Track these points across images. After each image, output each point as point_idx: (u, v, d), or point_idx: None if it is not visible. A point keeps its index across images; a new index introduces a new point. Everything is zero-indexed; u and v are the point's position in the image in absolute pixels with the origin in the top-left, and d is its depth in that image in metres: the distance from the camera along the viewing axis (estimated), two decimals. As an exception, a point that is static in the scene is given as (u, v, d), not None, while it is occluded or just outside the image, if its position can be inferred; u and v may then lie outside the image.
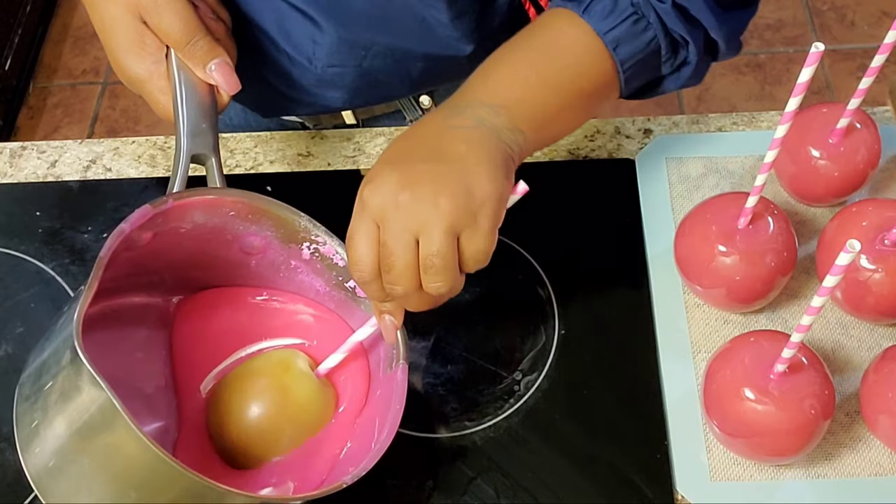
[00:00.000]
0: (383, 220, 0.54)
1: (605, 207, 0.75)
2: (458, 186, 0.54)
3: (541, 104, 0.60)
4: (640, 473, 0.64)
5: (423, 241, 0.54)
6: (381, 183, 0.55)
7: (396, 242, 0.54)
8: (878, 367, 0.63)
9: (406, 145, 0.58)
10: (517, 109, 0.59)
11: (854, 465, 0.64)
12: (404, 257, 0.54)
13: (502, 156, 0.56)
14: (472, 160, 0.55)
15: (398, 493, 0.64)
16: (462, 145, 0.56)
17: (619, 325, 0.70)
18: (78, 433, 0.51)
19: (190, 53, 0.64)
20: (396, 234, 0.54)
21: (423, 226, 0.53)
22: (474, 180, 0.54)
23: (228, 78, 0.65)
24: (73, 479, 0.52)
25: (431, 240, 0.53)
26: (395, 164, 0.56)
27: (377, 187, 0.55)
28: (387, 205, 0.54)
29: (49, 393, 0.52)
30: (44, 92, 2.02)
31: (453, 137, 0.56)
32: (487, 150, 0.56)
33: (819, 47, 0.53)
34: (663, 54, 0.64)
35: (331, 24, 0.71)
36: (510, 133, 0.58)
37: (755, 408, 0.59)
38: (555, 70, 0.62)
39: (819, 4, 2.03)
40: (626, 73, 0.63)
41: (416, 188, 0.54)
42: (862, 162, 0.70)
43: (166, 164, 0.81)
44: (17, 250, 0.76)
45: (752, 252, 0.64)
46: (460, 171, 0.54)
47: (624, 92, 0.65)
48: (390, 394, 0.60)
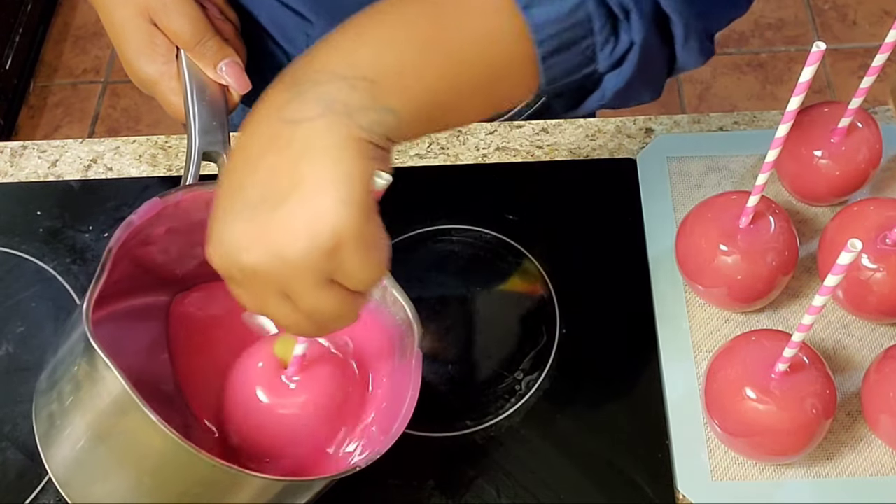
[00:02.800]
0: (243, 289, 0.48)
1: (606, 207, 0.75)
2: (302, 232, 0.44)
3: (423, 76, 0.47)
4: (641, 473, 0.64)
5: (295, 301, 0.47)
6: (219, 245, 0.47)
7: (266, 309, 0.48)
8: (879, 367, 0.62)
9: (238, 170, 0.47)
10: (387, 82, 0.46)
11: (855, 464, 0.63)
12: (285, 317, 0.48)
13: (356, 150, 0.45)
14: (311, 186, 0.44)
15: (399, 493, 0.64)
16: (301, 162, 0.44)
17: (620, 324, 0.70)
18: (92, 422, 0.52)
19: (200, 54, 0.64)
20: (262, 301, 0.48)
21: (283, 287, 0.46)
22: (322, 215, 0.44)
23: (239, 77, 0.65)
24: (89, 467, 0.53)
25: (301, 299, 0.46)
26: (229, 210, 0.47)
27: (217, 251, 0.47)
28: (234, 272, 0.47)
29: (64, 385, 0.53)
30: (44, 91, 2.02)
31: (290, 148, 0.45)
32: (335, 153, 0.44)
33: (820, 46, 0.53)
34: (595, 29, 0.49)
35: (320, 19, 0.71)
36: (373, 113, 0.45)
37: (756, 407, 0.59)
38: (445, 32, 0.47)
39: (820, 3, 2.03)
40: (542, 45, 0.48)
41: (256, 248, 0.45)
42: (863, 161, 0.70)
43: (167, 163, 0.81)
44: (18, 249, 0.76)
45: (754, 251, 0.64)
46: (302, 209, 0.44)
47: (542, 81, 0.50)
48: (406, 381, 0.60)
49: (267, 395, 0.60)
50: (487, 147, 0.79)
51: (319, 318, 0.48)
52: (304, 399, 0.60)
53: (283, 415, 0.61)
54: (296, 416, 0.61)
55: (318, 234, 0.44)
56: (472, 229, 0.74)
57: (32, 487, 0.65)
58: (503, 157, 0.78)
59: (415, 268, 0.73)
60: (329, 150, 0.44)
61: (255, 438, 0.61)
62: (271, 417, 0.61)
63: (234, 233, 0.46)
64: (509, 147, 0.79)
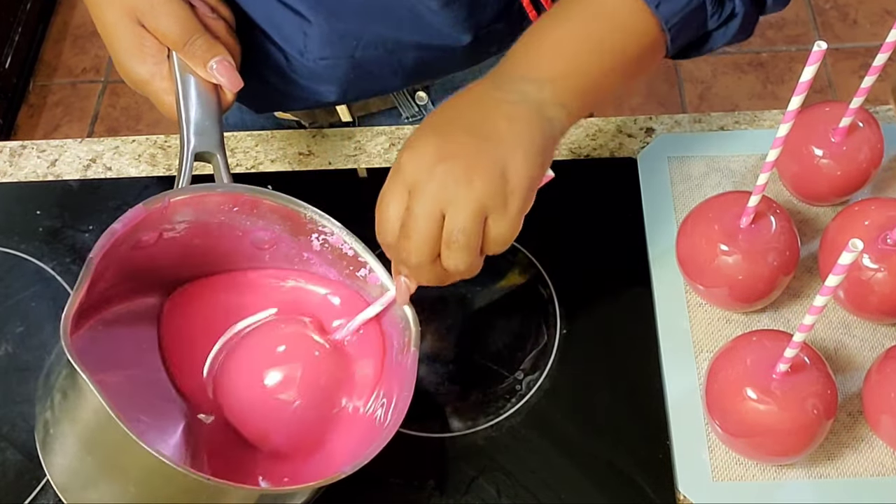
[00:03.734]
0: (415, 187, 0.54)
1: (607, 206, 0.75)
2: (494, 167, 0.53)
3: (586, 75, 0.59)
4: (641, 473, 0.63)
5: (449, 216, 0.53)
6: (419, 150, 0.55)
7: (422, 212, 0.54)
8: (880, 367, 0.62)
9: (450, 112, 0.58)
10: (563, 83, 0.57)
11: (856, 465, 0.63)
12: (426, 228, 0.54)
13: (542, 137, 0.55)
14: (511, 141, 0.54)
15: (400, 493, 0.64)
16: (503, 122, 0.55)
17: (620, 324, 0.70)
18: (79, 432, 0.53)
19: (189, 53, 0.64)
20: (424, 204, 0.53)
21: (452, 201, 0.53)
22: (511, 163, 0.53)
23: (230, 76, 0.65)
24: (81, 475, 0.54)
25: (458, 216, 0.53)
26: (436, 131, 0.56)
27: (415, 153, 0.55)
28: (421, 173, 0.54)
29: (55, 394, 0.53)
30: (44, 90, 2.02)
31: (496, 111, 0.55)
32: (528, 130, 0.55)
33: (821, 46, 0.53)
34: (709, 8, 0.61)
35: (319, 17, 0.71)
36: (553, 109, 0.56)
37: (757, 407, 0.59)
38: (599, 37, 0.60)
39: (821, 3, 2.02)
40: (671, 31, 0.60)
41: (452, 161, 0.53)
42: (864, 161, 0.69)
43: (167, 162, 0.81)
44: (18, 249, 0.76)
45: (755, 251, 0.64)
46: (499, 152, 0.54)
47: (671, 51, 0.63)
48: (401, 380, 0.60)
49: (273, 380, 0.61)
50: (488, 146, 0.79)
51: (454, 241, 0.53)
52: (298, 382, 0.61)
53: (281, 399, 0.61)
54: (291, 401, 0.61)
55: (505, 174, 0.53)
56: (472, 229, 0.74)
57: (31, 488, 0.65)
58: (503, 156, 0.78)
59: (415, 267, 0.72)
60: (525, 123, 0.55)
61: (255, 423, 0.62)
62: (270, 402, 0.61)
63: (440, 145, 0.54)
64: (510, 146, 0.79)
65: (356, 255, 0.63)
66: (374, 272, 0.63)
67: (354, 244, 0.63)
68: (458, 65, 0.78)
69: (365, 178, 0.79)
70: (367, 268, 0.63)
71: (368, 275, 0.63)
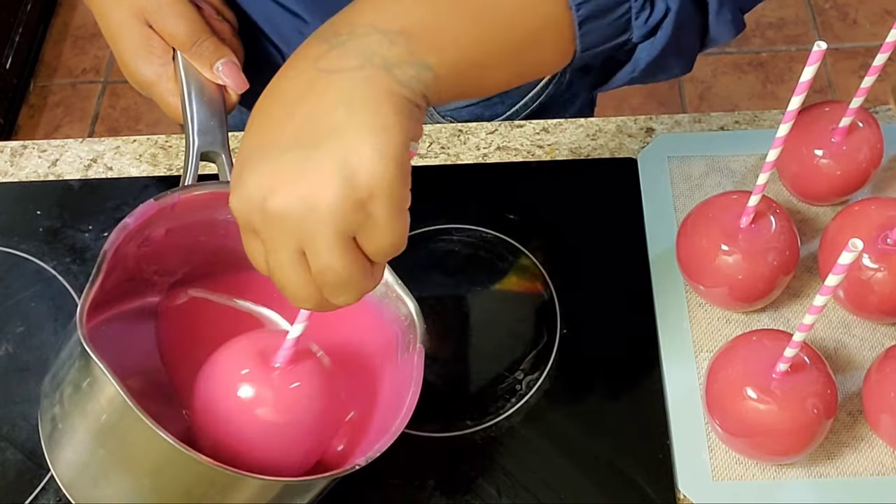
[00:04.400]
0: (258, 234, 0.46)
1: (607, 206, 0.75)
2: (336, 177, 0.43)
3: (458, 36, 0.47)
4: (641, 473, 0.63)
5: (309, 256, 0.45)
6: (242, 190, 0.45)
7: (278, 263, 0.46)
8: (880, 367, 0.62)
9: (272, 110, 0.47)
10: (424, 37, 0.45)
11: (856, 464, 0.63)
12: (294, 277, 0.46)
13: (396, 111, 0.44)
14: (351, 134, 0.43)
15: (399, 493, 0.64)
16: (339, 110, 0.44)
17: (620, 324, 0.70)
18: (92, 425, 0.52)
19: (196, 54, 0.64)
20: (277, 255, 0.45)
21: (302, 240, 0.44)
22: (358, 162, 0.43)
23: (236, 77, 0.65)
24: (91, 469, 0.53)
25: (318, 254, 0.44)
26: (256, 152, 0.46)
27: (240, 195, 0.45)
28: (255, 218, 0.45)
29: (65, 388, 0.53)
30: (44, 91, 2.02)
31: (328, 95, 0.44)
32: (374, 109, 0.43)
33: (821, 46, 0.53)
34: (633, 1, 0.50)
35: (316, 18, 0.71)
36: (411, 68, 0.45)
37: (757, 407, 0.59)
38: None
39: (821, 3, 2.02)
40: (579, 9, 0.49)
41: (282, 192, 0.44)
42: (864, 161, 0.69)
43: (167, 162, 0.81)
44: (18, 249, 0.76)
45: (755, 251, 0.64)
46: (337, 156, 0.43)
47: (578, 48, 0.51)
48: (408, 377, 0.60)
49: (248, 401, 0.56)
50: (488, 147, 0.79)
51: (329, 282, 0.45)
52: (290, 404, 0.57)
53: (266, 421, 0.56)
54: (280, 423, 0.57)
55: (352, 180, 0.43)
56: (472, 229, 0.74)
57: (32, 487, 0.65)
58: (504, 156, 0.78)
59: (415, 267, 0.72)
60: (368, 101, 0.43)
61: (236, 444, 0.57)
62: (253, 424, 0.56)
63: (262, 175, 0.44)
64: (510, 147, 0.79)
65: None
66: None
67: None
68: None
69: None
70: None
71: None
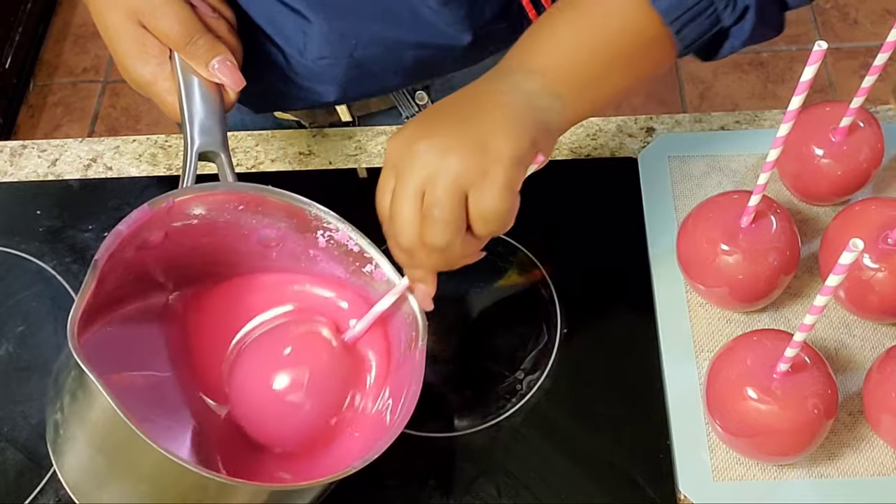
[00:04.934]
0: (397, 169, 0.55)
1: (608, 206, 0.75)
2: (472, 142, 0.54)
3: (582, 66, 0.59)
4: (642, 473, 0.63)
5: (426, 192, 0.54)
6: (402, 133, 0.56)
7: (403, 191, 0.54)
8: (881, 367, 0.62)
9: (440, 105, 0.59)
10: (554, 74, 0.58)
11: (857, 464, 0.63)
12: (408, 207, 0.54)
13: (531, 120, 0.56)
14: (495, 120, 0.55)
15: (400, 493, 0.64)
16: (490, 106, 0.56)
17: (621, 324, 0.70)
18: (89, 433, 0.53)
19: (190, 53, 0.64)
20: (404, 184, 0.54)
21: (429, 177, 0.54)
22: (491, 138, 0.54)
23: (232, 75, 0.65)
24: (92, 474, 0.54)
25: (434, 191, 0.54)
26: (422, 118, 0.58)
27: (397, 136, 0.56)
28: (402, 154, 0.55)
29: (64, 395, 0.54)
30: (44, 90, 2.02)
31: (486, 99, 0.57)
32: (515, 112, 0.56)
33: (822, 46, 0.53)
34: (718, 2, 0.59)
35: (319, 17, 0.72)
36: (545, 98, 0.57)
37: (758, 407, 0.59)
38: (595, 30, 0.60)
39: (822, 2, 2.02)
40: (673, 24, 0.59)
41: (430, 139, 0.54)
42: (865, 161, 0.69)
43: (167, 162, 0.81)
44: (18, 249, 0.76)
45: (755, 251, 0.64)
46: (480, 129, 0.55)
47: (680, 48, 0.61)
48: (409, 374, 0.60)
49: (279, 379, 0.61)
50: (488, 146, 0.79)
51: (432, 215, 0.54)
52: (306, 380, 0.61)
53: (289, 400, 0.61)
54: (298, 400, 0.62)
55: (483, 148, 0.53)
56: (472, 229, 0.74)
57: (32, 487, 0.65)
58: (504, 156, 0.78)
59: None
60: (512, 107, 0.56)
61: (266, 425, 0.62)
62: (281, 404, 0.61)
63: (421, 128, 0.56)
64: (510, 146, 0.79)
65: (361, 251, 0.63)
66: (380, 267, 0.63)
67: (359, 240, 0.63)
68: (457, 64, 0.78)
69: (365, 177, 0.79)
70: (372, 263, 0.63)
71: (374, 270, 0.64)
